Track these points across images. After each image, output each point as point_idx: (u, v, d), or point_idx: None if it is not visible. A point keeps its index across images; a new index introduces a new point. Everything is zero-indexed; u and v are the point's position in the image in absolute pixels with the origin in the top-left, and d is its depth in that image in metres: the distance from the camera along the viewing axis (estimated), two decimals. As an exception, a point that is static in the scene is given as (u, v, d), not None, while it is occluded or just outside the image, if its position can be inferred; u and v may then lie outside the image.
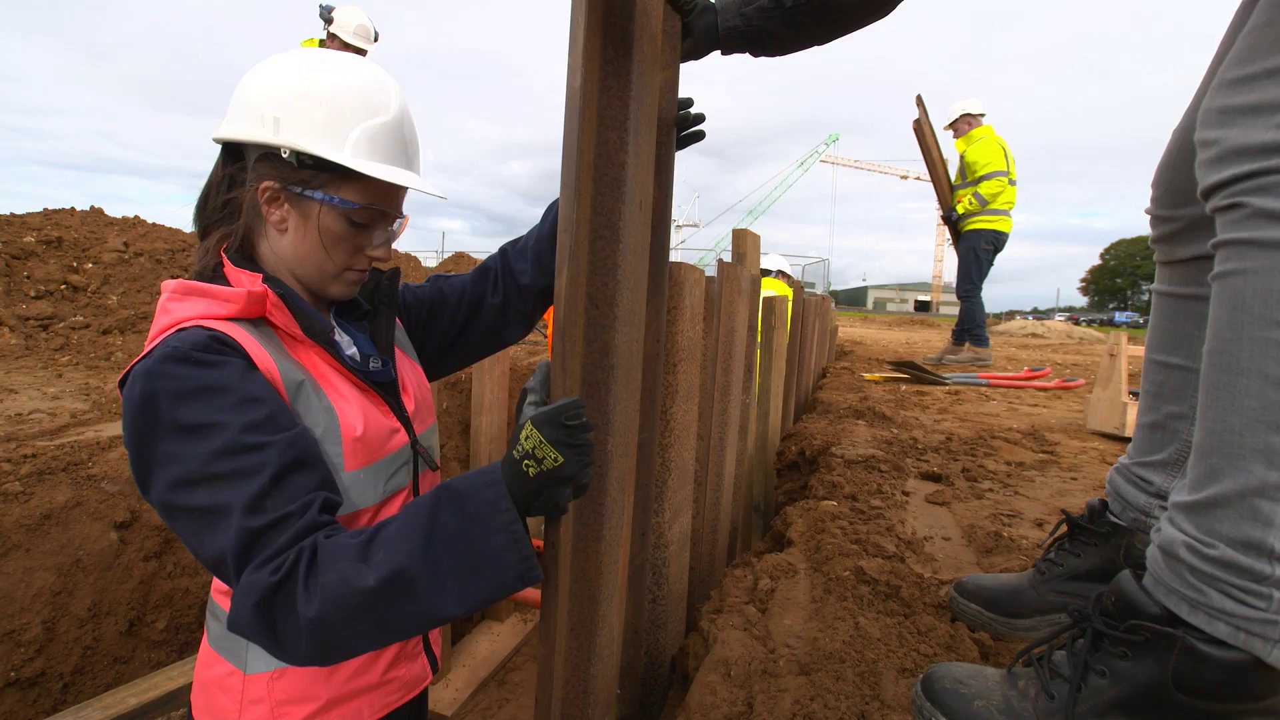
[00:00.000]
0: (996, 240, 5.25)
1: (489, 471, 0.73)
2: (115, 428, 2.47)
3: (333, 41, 3.80)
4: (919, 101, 5.76)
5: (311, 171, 0.85)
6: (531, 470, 0.70)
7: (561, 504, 0.73)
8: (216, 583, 0.91)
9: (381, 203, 0.90)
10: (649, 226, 1.05)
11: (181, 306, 0.80)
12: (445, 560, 0.69)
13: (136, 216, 5.92)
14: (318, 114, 0.84)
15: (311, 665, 0.73)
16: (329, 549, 0.70)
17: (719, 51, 1.11)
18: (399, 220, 0.96)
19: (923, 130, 5.68)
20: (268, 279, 0.84)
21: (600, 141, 0.89)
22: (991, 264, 5.33)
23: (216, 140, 0.90)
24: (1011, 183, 5.20)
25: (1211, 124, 0.74)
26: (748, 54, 1.12)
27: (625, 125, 0.91)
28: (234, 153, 0.90)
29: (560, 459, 0.69)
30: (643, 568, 1.30)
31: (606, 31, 0.88)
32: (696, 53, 1.12)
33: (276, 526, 0.70)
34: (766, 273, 5.05)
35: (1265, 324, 0.68)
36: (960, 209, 5.32)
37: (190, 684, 1.77)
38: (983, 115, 5.47)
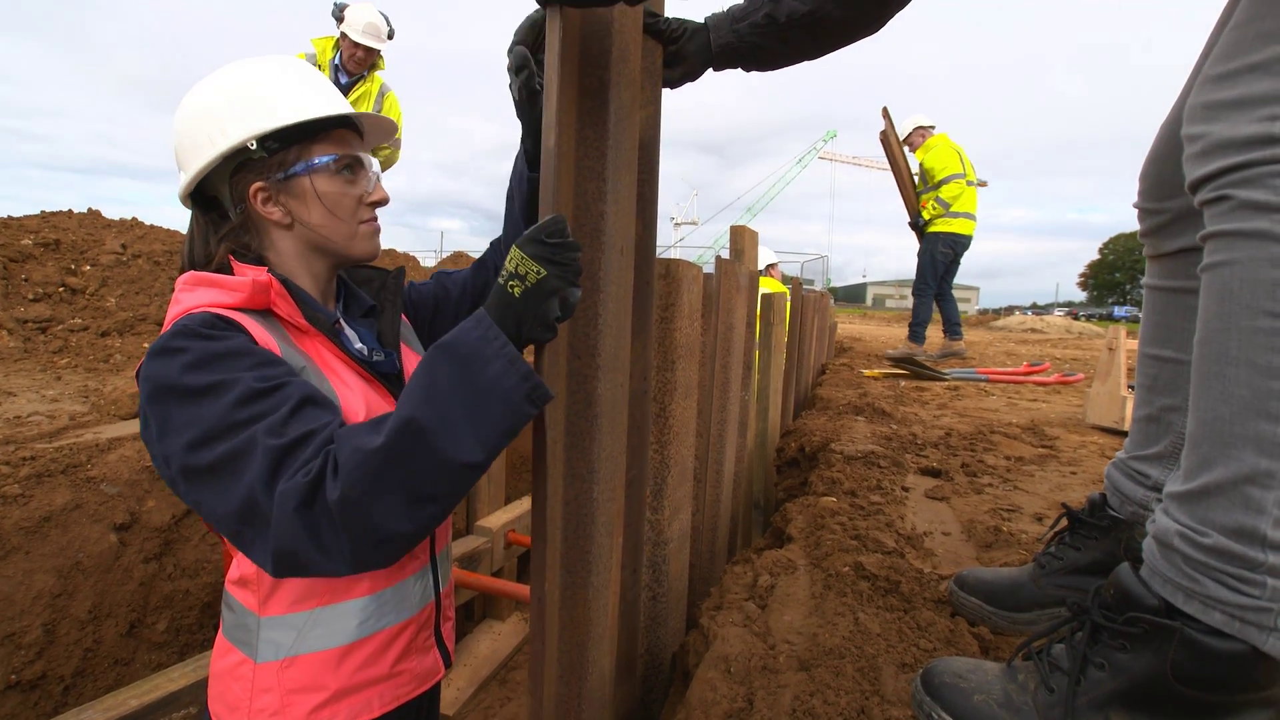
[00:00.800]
0: (955, 243, 5.36)
1: (474, 314, 0.74)
2: (114, 430, 2.47)
3: (344, 40, 3.74)
4: (884, 113, 5.90)
5: (282, 152, 0.89)
6: (516, 289, 0.70)
7: (550, 318, 0.71)
8: (231, 573, 0.92)
9: (351, 149, 0.95)
10: (631, 269, 1.05)
11: (190, 296, 0.84)
12: (451, 405, 0.69)
13: (134, 219, 5.91)
14: (253, 99, 0.89)
15: (361, 566, 0.71)
16: (344, 434, 0.71)
17: (711, 69, 1.11)
18: (372, 161, 0.99)
19: (889, 141, 5.81)
20: (272, 271, 0.87)
21: (579, 193, 0.90)
22: (955, 265, 5.46)
23: (183, 195, 0.94)
24: (970, 184, 5.35)
25: (1197, 119, 0.75)
26: (740, 69, 1.12)
27: (603, 174, 0.91)
28: (203, 203, 0.94)
29: (543, 272, 0.69)
30: (642, 565, 1.30)
31: (583, 83, 0.89)
32: (692, 75, 1.12)
33: (301, 443, 0.71)
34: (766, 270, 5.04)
35: (1253, 313, 0.69)
36: (925, 214, 5.47)
37: (192, 684, 1.78)
38: (933, 126, 5.64)
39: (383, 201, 0.99)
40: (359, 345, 0.98)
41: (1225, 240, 0.72)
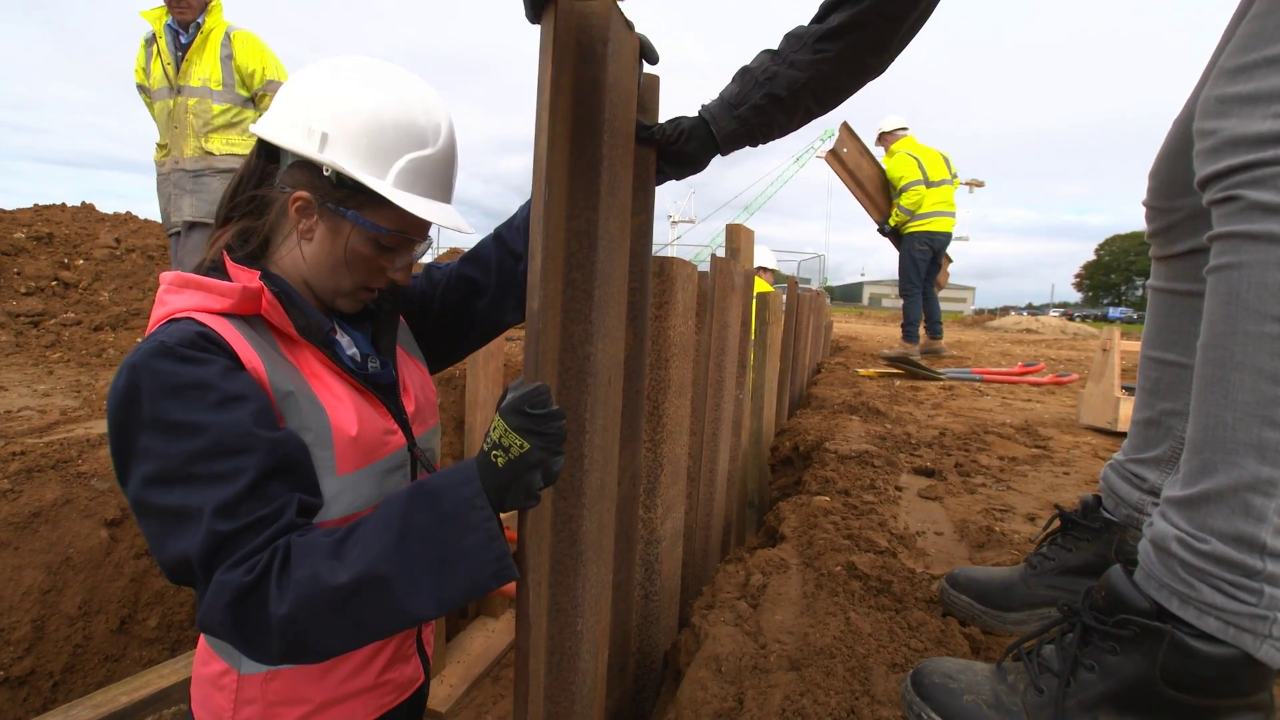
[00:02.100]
0: (932, 240, 5.56)
1: (464, 468, 0.73)
2: (105, 425, 2.46)
3: None
4: (844, 128, 6.13)
5: (349, 192, 0.85)
6: (500, 460, 0.70)
7: (534, 490, 0.72)
8: None
9: (412, 231, 0.91)
10: (620, 394, 1.06)
11: (177, 298, 0.80)
12: (419, 558, 0.69)
13: (128, 212, 5.88)
14: (366, 138, 0.83)
15: (283, 664, 0.73)
16: (301, 545, 0.70)
17: (720, 155, 1.10)
18: (424, 244, 0.96)
19: (837, 159, 6.05)
20: (265, 276, 0.84)
21: (565, 336, 0.89)
22: (936, 261, 5.68)
23: (255, 134, 0.88)
24: (931, 185, 5.52)
25: (1210, 113, 0.73)
26: (749, 146, 1.11)
27: (589, 316, 0.90)
28: (270, 149, 0.89)
29: (526, 445, 0.69)
30: (635, 565, 1.30)
31: (570, 226, 0.88)
32: (697, 168, 1.11)
33: (250, 530, 0.69)
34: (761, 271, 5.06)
35: (1260, 318, 0.68)
36: (892, 221, 5.71)
37: (183, 680, 1.77)
38: (902, 129, 5.83)
39: (401, 283, 0.95)
40: (352, 351, 0.95)
41: (1233, 242, 0.70)
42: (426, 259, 1.14)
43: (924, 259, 5.61)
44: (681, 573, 1.64)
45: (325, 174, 0.84)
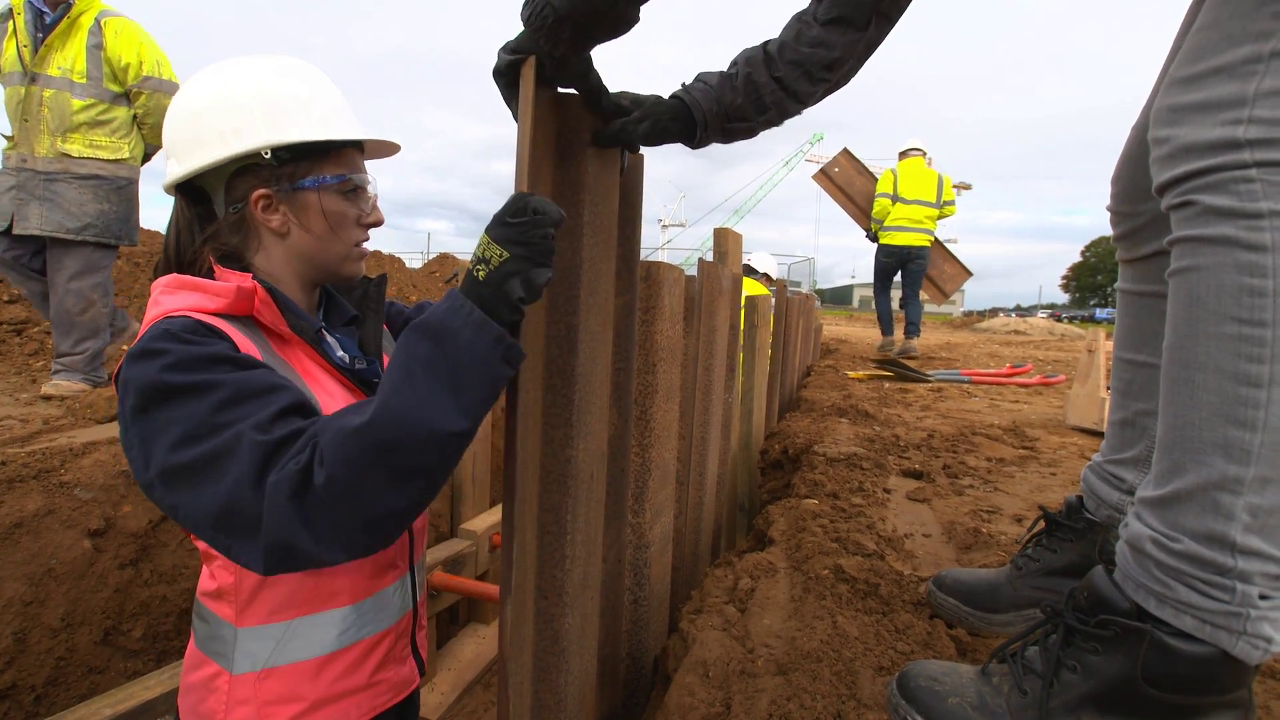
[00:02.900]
0: (890, 253, 6.25)
1: (449, 294, 0.73)
2: (89, 434, 2.43)
3: None
4: (844, 153, 6.97)
5: (293, 164, 0.88)
6: (481, 273, 0.70)
7: (514, 298, 0.70)
8: (202, 584, 0.91)
9: (357, 170, 0.95)
10: (603, 501, 1.05)
11: (172, 299, 0.81)
12: (430, 379, 0.68)
13: (113, 218, 5.82)
14: (275, 106, 0.87)
15: (355, 549, 0.70)
16: (326, 421, 0.71)
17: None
18: (374, 183, 1.00)
19: (827, 177, 6.91)
20: (256, 278, 0.85)
21: (547, 441, 0.89)
22: (911, 273, 6.32)
23: (175, 183, 0.90)
24: (899, 200, 6.15)
25: (1163, 122, 0.75)
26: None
27: (570, 420, 0.91)
28: (192, 194, 0.91)
29: (506, 254, 0.69)
30: (624, 569, 1.30)
31: (550, 330, 0.87)
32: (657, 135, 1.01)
33: (289, 440, 0.70)
34: (752, 272, 5.11)
35: (1220, 319, 0.69)
36: (873, 228, 6.47)
37: (169, 692, 1.75)
38: (911, 150, 6.42)
39: (377, 223, 0.99)
40: (340, 353, 0.97)
41: (1191, 246, 0.72)
42: (417, 264, 1.15)
43: (883, 266, 6.30)
44: (671, 577, 1.64)
45: (265, 159, 0.86)
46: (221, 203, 0.91)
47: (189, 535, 1.53)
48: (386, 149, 1.05)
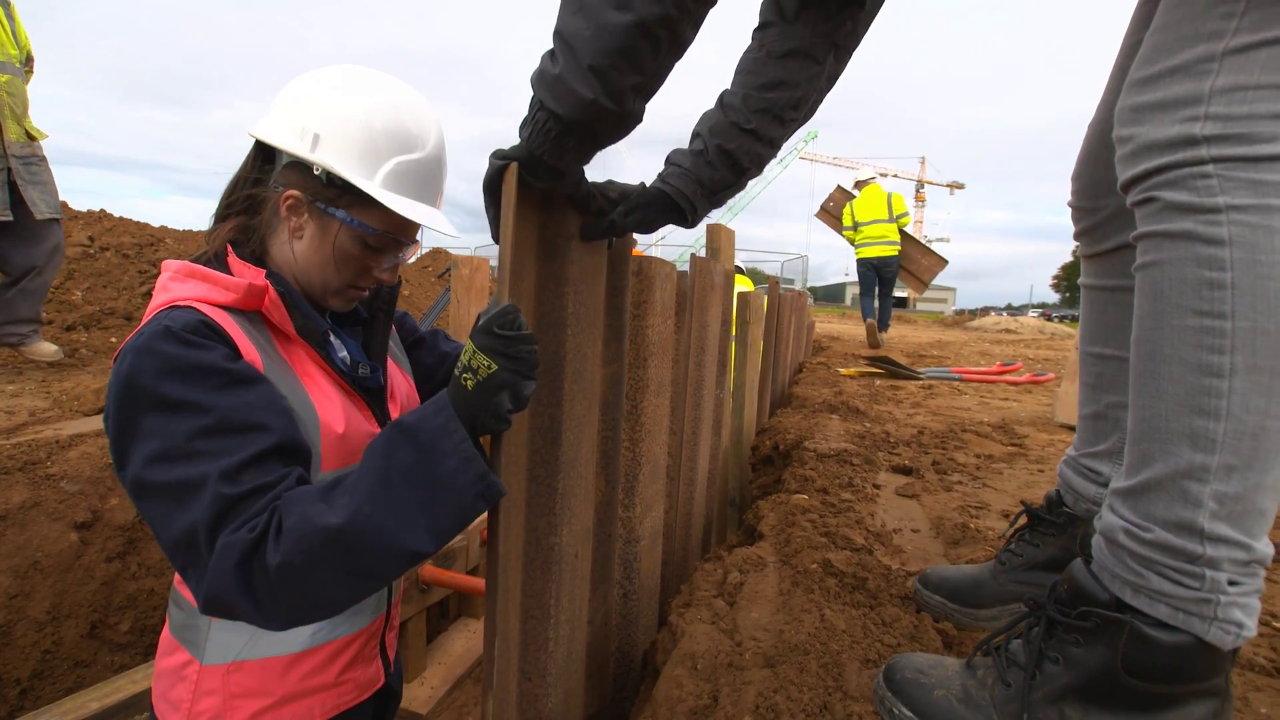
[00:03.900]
0: (866, 265, 7.79)
1: (436, 399, 0.74)
2: (76, 426, 2.41)
3: None
4: (838, 189, 8.59)
5: (338, 191, 0.88)
6: (469, 383, 0.70)
7: (502, 413, 0.71)
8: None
9: (398, 232, 0.93)
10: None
11: (181, 287, 0.82)
12: (405, 493, 0.69)
13: (103, 210, 5.77)
14: (356, 139, 0.86)
15: (292, 623, 0.72)
16: (291, 496, 0.71)
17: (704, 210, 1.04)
18: (410, 245, 0.99)
19: (826, 212, 8.57)
20: (270, 275, 0.86)
21: (530, 529, 0.90)
22: (884, 280, 7.81)
23: (252, 136, 0.91)
24: (857, 227, 7.80)
25: (1125, 121, 0.77)
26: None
27: (554, 509, 0.92)
28: (266, 150, 0.92)
29: (494, 366, 0.69)
30: (613, 564, 1.30)
31: (534, 423, 0.87)
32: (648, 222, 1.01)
33: (254, 494, 0.70)
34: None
35: (1182, 312, 0.71)
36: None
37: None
38: (865, 180, 8.01)
39: (386, 282, 0.98)
40: (343, 354, 0.97)
41: (1154, 241, 0.74)
42: (410, 259, 1.15)
43: (866, 275, 7.84)
44: (661, 571, 1.65)
45: (316, 174, 0.87)
46: (275, 177, 0.91)
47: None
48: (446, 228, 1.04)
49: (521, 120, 0.76)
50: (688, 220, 1.00)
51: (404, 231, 0.94)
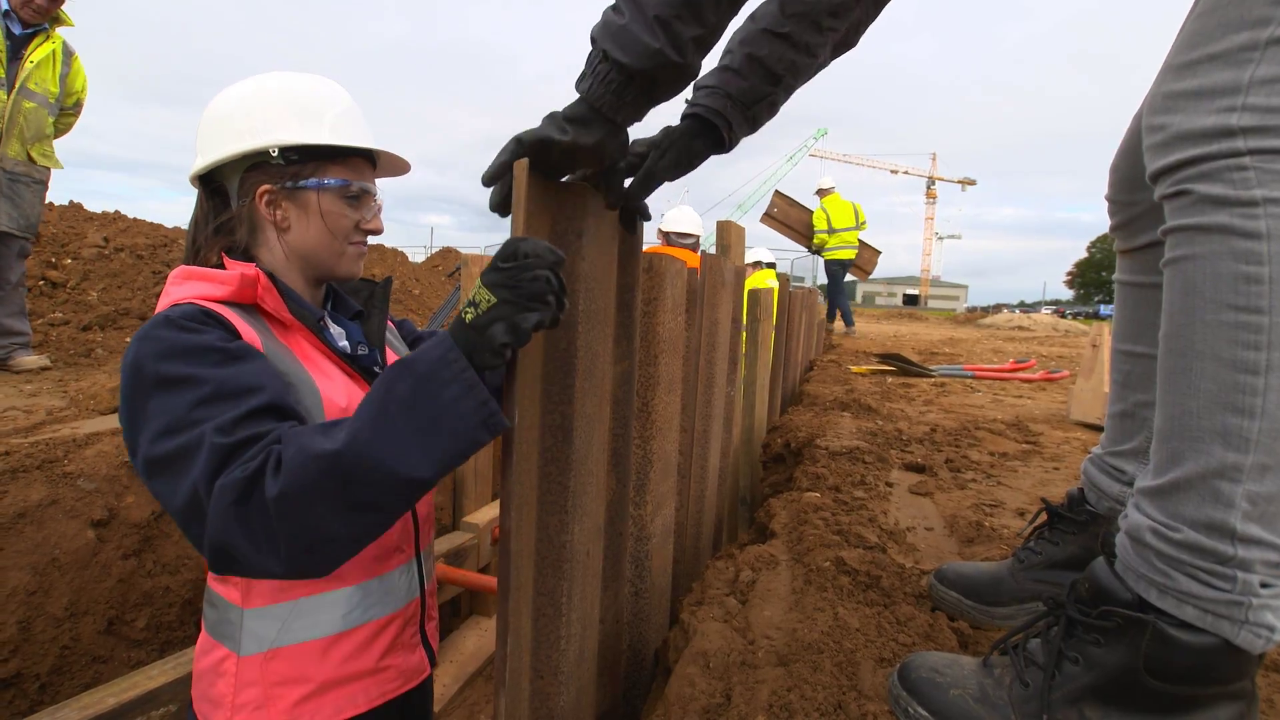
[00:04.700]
0: (838, 264, 8.80)
1: (439, 334, 0.74)
2: (92, 425, 2.44)
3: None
4: (776, 194, 9.34)
5: (298, 165, 0.93)
6: (469, 316, 0.70)
7: (496, 345, 0.69)
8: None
9: (363, 179, 0.99)
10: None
11: (180, 289, 0.86)
12: (403, 422, 0.69)
13: (117, 211, 5.83)
14: (290, 111, 0.93)
15: (293, 565, 0.70)
16: (290, 433, 0.72)
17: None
18: (378, 193, 1.03)
19: (771, 217, 9.25)
20: (260, 267, 0.90)
21: (541, 527, 0.89)
22: (841, 276, 8.91)
23: (195, 175, 0.96)
24: (833, 231, 8.68)
25: (1158, 109, 0.74)
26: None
27: (565, 507, 0.91)
28: (211, 187, 0.97)
29: (493, 299, 0.69)
30: (624, 562, 1.30)
31: (545, 421, 0.87)
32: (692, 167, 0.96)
33: (246, 444, 0.72)
34: (758, 265, 5.18)
35: (1217, 308, 0.69)
36: (815, 248, 9.10)
37: (173, 681, 1.76)
38: (827, 189, 8.83)
39: (376, 231, 1.02)
40: (343, 343, 1.01)
41: (1187, 235, 0.72)
42: (420, 258, 1.16)
43: (836, 274, 8.81)
44: (673, 570, 1.64)
45: (273, 158, 0.91)
46: (235, 196, 0.95)
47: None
48: (398, 166, 1.08)
49: (578, 76, 0.77)
50: (725, 143, 0.94)
51: (365, 176, 0.99)
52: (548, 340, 0.85)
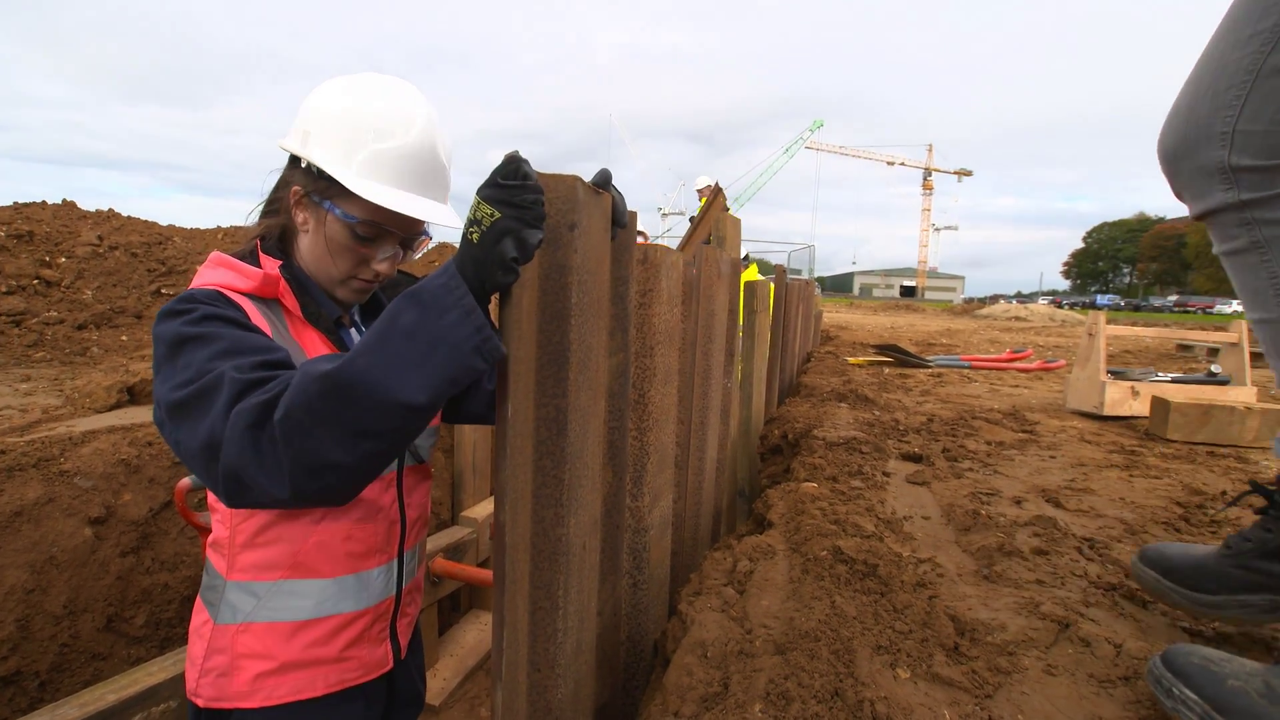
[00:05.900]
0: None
1: (444, 265, 0.73)
2: (88, 423, 2.43)
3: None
4: (715, 187, 8.83)
5: (325, 182, 0.94)
6: (474, 235, 0.70)
7: (507, 259, 0.69)
8: (211, 539, 0.98)
9: (386, 222, 0.97)
10: (598, 570, 1.05)
11: (210, 273, 0.91)
12: (402, 347, 0.69)
13: (111, 210, 5.81)
14: (337, 132, 0.93)
15: (297, 488, 0.71)
16: (302, 364, 0.74)
17: None
18: (417, 240, 1.03)
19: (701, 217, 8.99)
20: (285, 266, 0.95)
21: (536, 520, 0.89)
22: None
23: (282, 144, 1.00)
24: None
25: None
26: None
27: (560, 500, 0.91)
28: (295, 158, 1.00)
29: (497, 214, 0.69)
30: (622, 554, 1.30)
31: (539, 415, 0.87)
32: None
33: (264, 380, 0.75)
34: (746, 259, 5.18)
35: None
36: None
37: (172, 678, 1.76)
38: (708, 185, 8.44)
39: (382, 274, 1.02)
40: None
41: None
42: (416, 255, 1.16)
43: None
44: (671, 561, 1.64)
45: (308, 168, 0.94)
46: (282, 176, 1.00)
47: (189, 520, 1.53)
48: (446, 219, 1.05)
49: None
50: None
51: (392, 221, 0.97)
52: (541, 333, 0.85)
